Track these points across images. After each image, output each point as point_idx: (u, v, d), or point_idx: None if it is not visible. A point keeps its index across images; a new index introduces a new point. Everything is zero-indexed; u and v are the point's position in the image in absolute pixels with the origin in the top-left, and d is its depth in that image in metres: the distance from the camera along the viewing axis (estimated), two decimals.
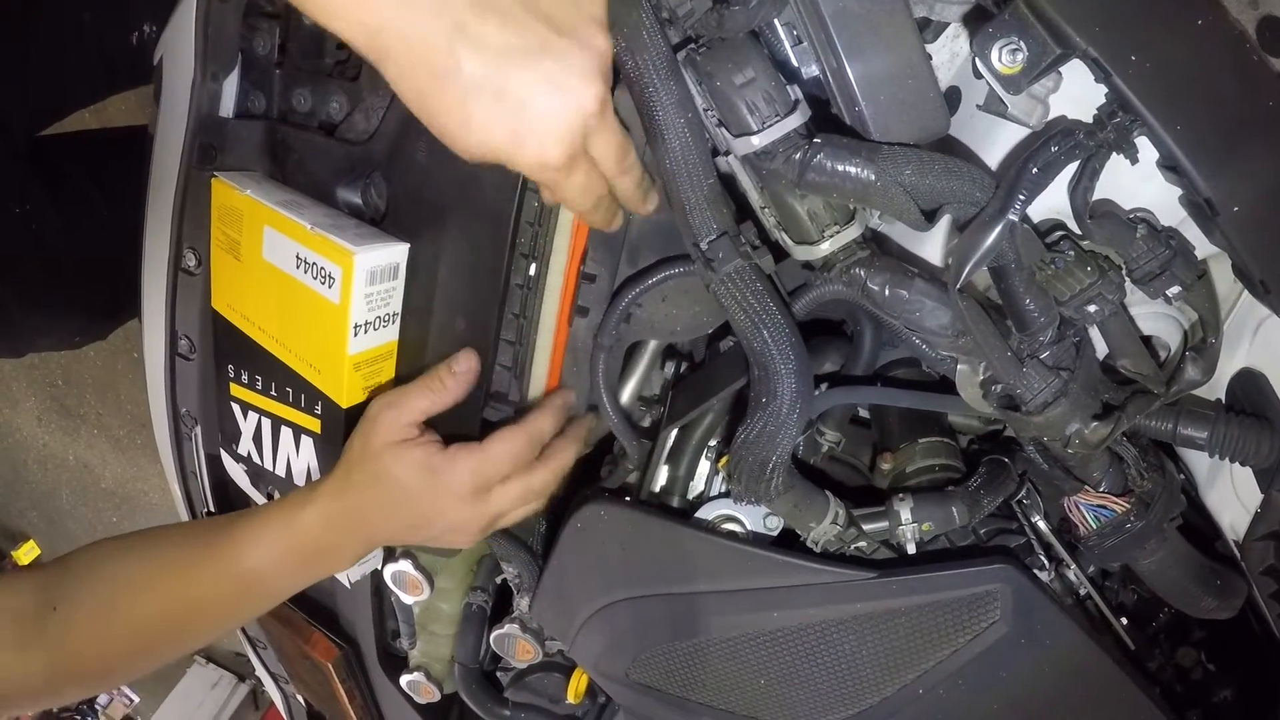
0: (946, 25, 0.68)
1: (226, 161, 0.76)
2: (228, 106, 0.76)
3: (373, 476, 0.67)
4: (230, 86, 0.75)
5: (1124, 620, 0.79)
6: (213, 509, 0.84)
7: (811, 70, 0.63)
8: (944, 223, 0.62)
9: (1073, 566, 0.74)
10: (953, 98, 0.69)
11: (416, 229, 0.69)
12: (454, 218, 0.67)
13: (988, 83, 0.60)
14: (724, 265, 0.60)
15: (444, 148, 0.67)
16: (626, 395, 0.73)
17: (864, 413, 0.80)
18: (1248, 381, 0.70)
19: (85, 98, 1.13)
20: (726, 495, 0.71)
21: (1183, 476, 0.76)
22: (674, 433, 0.69)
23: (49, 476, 2.38)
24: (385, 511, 0.68)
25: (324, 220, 0.68)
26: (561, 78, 0.51)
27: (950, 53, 0.69)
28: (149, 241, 0.82)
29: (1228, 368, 0.70)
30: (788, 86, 0.60)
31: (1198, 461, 0.76)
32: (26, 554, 2.47)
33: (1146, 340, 0.71)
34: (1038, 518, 0.74)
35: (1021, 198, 0.57)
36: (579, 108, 0.52)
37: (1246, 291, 0.70)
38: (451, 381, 0.67)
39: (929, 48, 0.69)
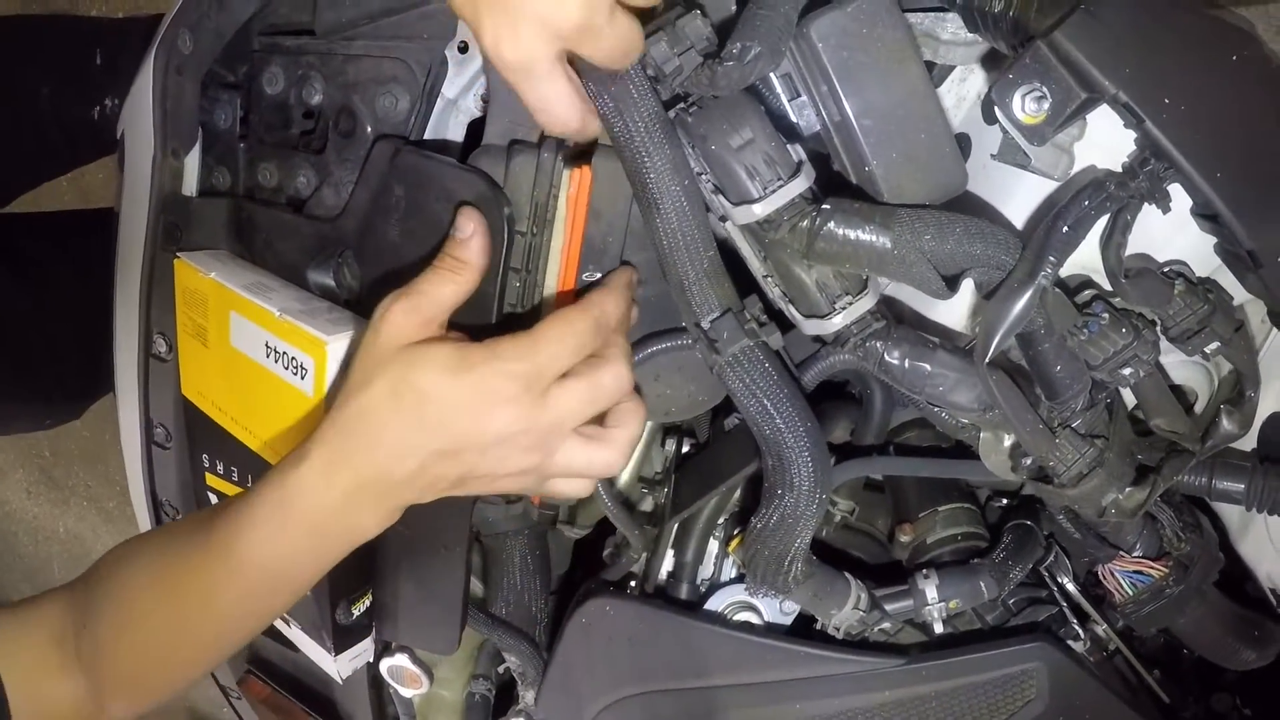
0: (952, 68, 0.60)
1: (192, 240, 0.67)
2: (191, 184, 0.67)
3: (384, 394, 0.47)
4: (193, 162, 0.66)
5: (1156, 671, 0.71)
6: None
7: (812, 124, 0.54)
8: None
9: (1103, 625, 0.66)
10: (962, 145, 0.60)
11: None
12: None
13: (1007, 132, 0.51)
14: (729, 346, 0.51)
15: (418, 225, 0.59)
16: (625, 477, 0.64)
17: (877, 475, 0.71)
18: None
19: (46, 173, 1.04)
20: (738, 580, 0.62)
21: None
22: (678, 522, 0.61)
23: (40, 549, 2.25)
24: (407, 439, 0.48)
25: (293, 305, 0.59)
26: None
27: (957, 97, 0.60)
28: (119, 325, 0.73)
29: (1261, 411, 0.62)
30: (789, 146, 0.52)
31: (1229, 508, 0.67)
32: None
33: (1176, 389, 0.63)
34: (1066, 579, 0.65)
35: (1052, 260, 0.48)
36: (551, 18, 0.43)
37: (1277, 331, 0.62)
38: (467, 253, 0.49)
39: None
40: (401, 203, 0.58)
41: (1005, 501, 0.70)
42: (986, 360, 0.49)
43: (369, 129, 0.62)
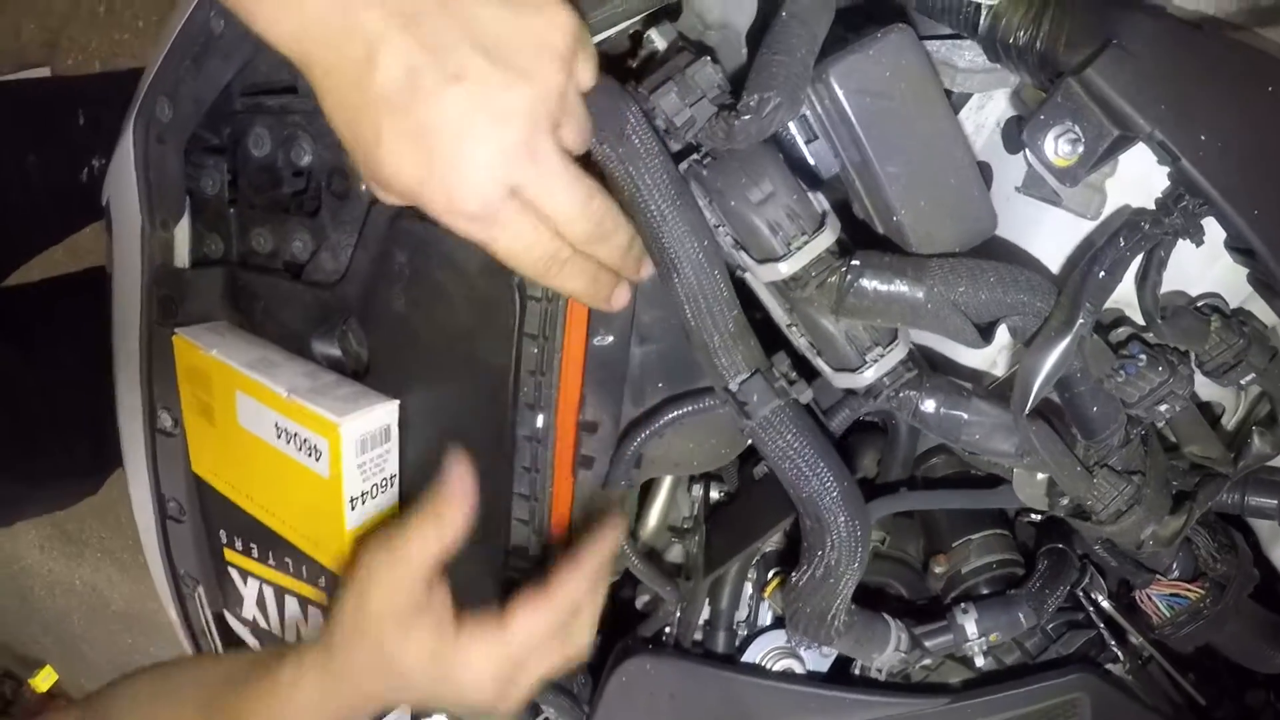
0: (970, 96, 0.56)
1: (189, 312, 0.63)
2: (183, 255, 0.63)
3: (373, 662, 0.51)
4: (183, 232, 0.62)
5: (1190, 675, 0.70)
6: None
7: (831, 167, 0.51)
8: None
9: (1138, 638, 0.64)
10: (983, 175, 0.57)
11: (405, 381, 0.56)
12: (446, 369, 0.55)
13: (1033, 169, 0.48)
14: (760, 409, 0.48)
15: (423, 294, 0.55)
16: (652, 526, 0.62)
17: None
18: None
19: (40, 243, 0.99)
20: (776, 625, 0.60)
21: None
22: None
23: (58, 602, 2.20)
24: (390, 693, 0.54)
25: (301, 383, 0.55)
26: (475, 113, 0.40)
27: (975, 124, 0.57)
28: (122, 401, 0.69)
29: None
30: (811, 195, 0.48)
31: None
32: (44, 680, 2.26)
33: (1203, 405, 0.61)
34: (1101, 597, 0.63)
35: (1089, 307, 0.45)
36: (497, 149, 0.40)
37: None
38: (450, 508, 0.50)
39: None
40: (405, 270, 0.55)
41: (1036, 517, 0.68)
42: (1025, 411, 0.47)
43: (364, 189, 0.58)
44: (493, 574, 0.59)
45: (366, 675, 0.52)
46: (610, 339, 0.53)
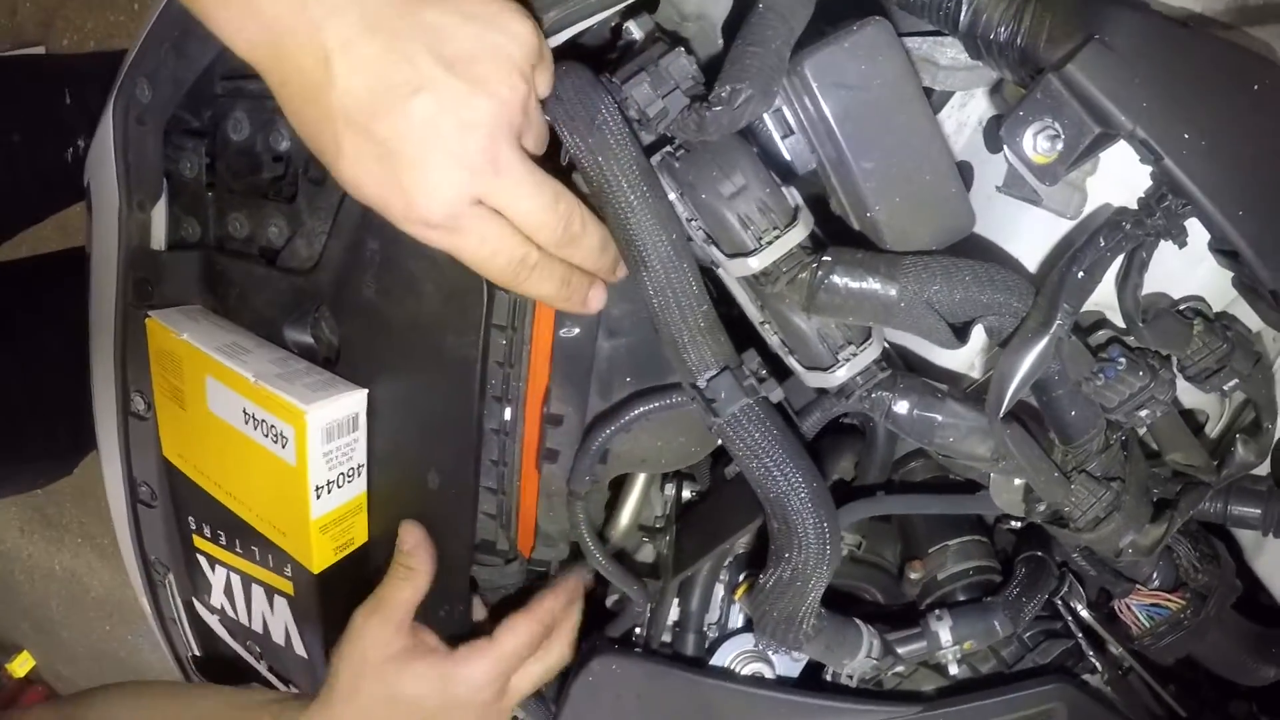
0: (951, 94, 0.55)
1: (164, 294, 0.62)
2: (159, 237, 0.62)
3: (381, 701, 0.55)
4: (160, 215, 0.62)
5: (1171, 686, 0.69)
6: (197, 653, 0.72)
7: (807, 162, 0.50)
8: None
9: (1117, 648, 0.63)
10: (964, 174, 0.56)
11: (375, 369, 0.56)
12: (415, 360, 0.54)
13: (1014, 168, 0.47)
14: (728, 406, 0.47)
15: (394, 283, 0.54)
16: (623, 525, 0.61)
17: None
18: None
19: (23, 222, 0.98)
20: (746, 628, 0.59)
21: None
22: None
23: (37, 587, 2.19)
24: None
25: (269, 370, 0.55)
26: (436, 126, 0.40)
27: (957, 123, 0.56)
28: (96, 383, 0.68)
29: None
30: (784, 189, 0.47)
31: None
32: (21, 665, 2.25)
33: (1187, 412, 0.60)
34: (1080, 606, 0.62)
35: (1067, 308, 0.44)
36: (459, 161, 0.40)
37: None
38: (415, 560, 0.56)
39: None
40: (377, 258, 0.54)
41: (1015, 524, 0.67)
42: (1000, 414, 0.46)
43: None
44: (462, 565, 0.58)
45: (378, 714, 0.56)
46: (577, 331, 0.52)
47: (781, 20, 0.46)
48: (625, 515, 0.61)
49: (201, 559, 0.65)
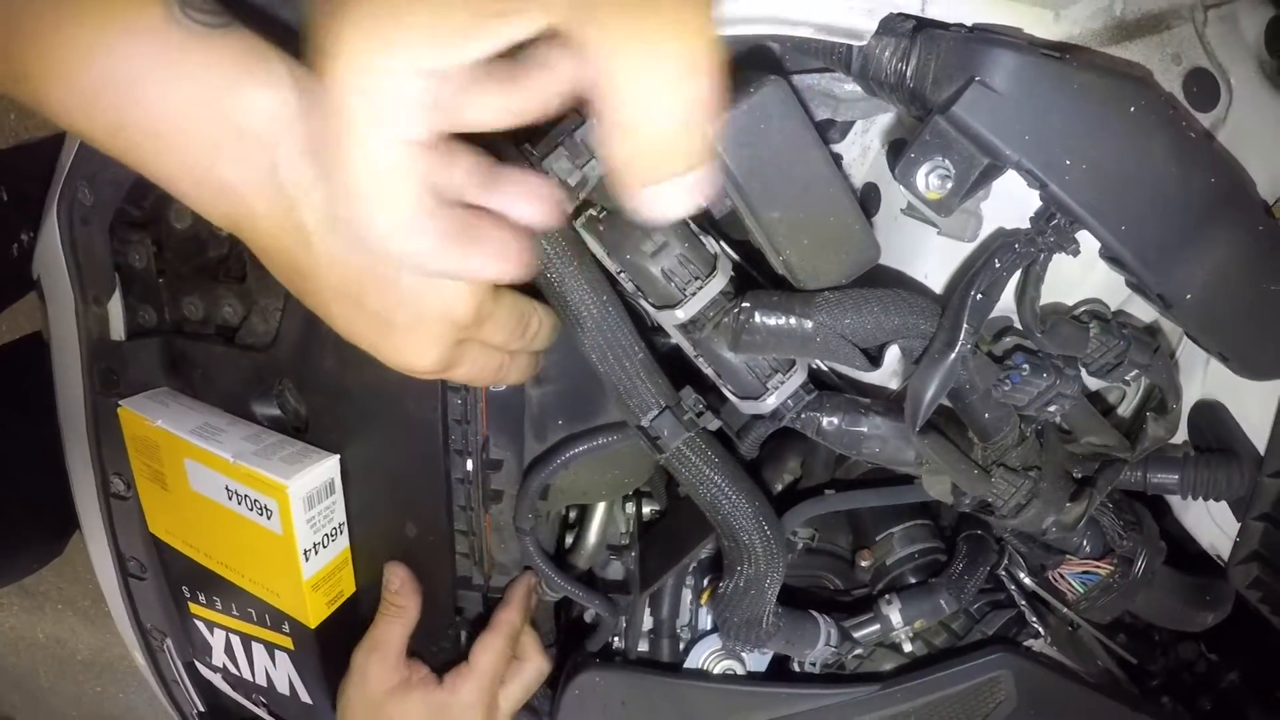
0: (853, 123, 0.59)
1: (130, 381, 0.65)
2: (118, 328, 0.65)
3: None
4: (116, 307, 0.64)
5: (1121, 636, 0.75)
6: (202, 709, 0.77)
7: (724, 207, 0.54)
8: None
9: (1063, 609, 0.69)
10: (870, 197, 0.60)
11: (345, 435, 0.60)
12: (381, 424, 0.58)
13: (915, 205, 0.52)
14: (671, 441, 0.52)
15: (352, 355, 0.57)
16: (591, 545, 0.66)
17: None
18: (1207, 413, 0.63)
19: None
20: (715, 629, 0.65)
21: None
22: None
23: (23, 658, 2.17)
24: None
25: (245, 448, 0.59)
26: (423, 296, 0.42)
27: (861, 148, 0.60)
28: (73, 470, 0.71)
29: (1185, 400, 0.64)
30: (704, 239, 0.52)
31: None
32: None
33: (1099, 397, 0.65)
34: (1023, 574, 0.68)
35: (969, 328, 0.49)
36: (447, 324, 0.43)
37: None
38: (402, 599, 0.62)
39: (837, 148, 0.61)
40: (331, 332, 0.58)
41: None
42: (917, 428, 0.51)
43: None
44: (447, 603, 0.63)
45: None
46: (503, 386, 0.56)
47: None
48: (592, 536, 0.66)
49: (199, 624, 0.69)
